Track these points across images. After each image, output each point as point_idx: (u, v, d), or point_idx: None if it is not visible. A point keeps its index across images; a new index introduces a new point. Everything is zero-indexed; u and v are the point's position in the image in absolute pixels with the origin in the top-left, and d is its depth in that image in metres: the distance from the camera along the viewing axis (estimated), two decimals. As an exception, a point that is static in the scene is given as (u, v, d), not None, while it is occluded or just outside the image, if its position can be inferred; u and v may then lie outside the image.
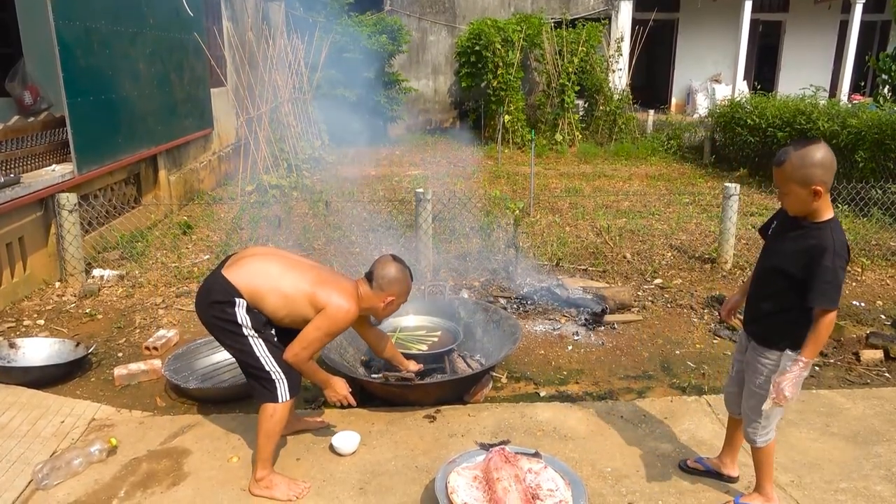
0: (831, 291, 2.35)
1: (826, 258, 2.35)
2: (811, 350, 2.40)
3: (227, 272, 2.85)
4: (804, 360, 2.41)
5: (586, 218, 7.75)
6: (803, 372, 2.42)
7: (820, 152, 2.34)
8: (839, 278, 2.35)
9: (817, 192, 2.35)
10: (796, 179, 2.36)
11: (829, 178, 2.36)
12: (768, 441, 2.69)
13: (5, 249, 4.98)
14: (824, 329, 2.38)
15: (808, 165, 2.34)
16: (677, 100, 17.26)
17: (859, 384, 4.04)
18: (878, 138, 7.79)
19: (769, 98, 10.97)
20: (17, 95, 6.79)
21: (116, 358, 4.32)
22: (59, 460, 3.01)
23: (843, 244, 2.40)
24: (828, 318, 2.38)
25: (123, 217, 6.76)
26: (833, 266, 2.34)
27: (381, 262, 3.05)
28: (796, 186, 2.37)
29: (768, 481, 2.76)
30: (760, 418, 2.64)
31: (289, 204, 8.15)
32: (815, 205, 2.40)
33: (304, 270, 2.93)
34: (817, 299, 2.36)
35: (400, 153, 12.53)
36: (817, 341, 2.39)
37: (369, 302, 3.02)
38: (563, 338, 4.66)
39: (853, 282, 5.80)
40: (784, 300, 2.50)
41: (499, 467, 2.72)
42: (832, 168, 2.36)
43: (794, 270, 2.43)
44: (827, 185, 2.36)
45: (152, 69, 7.41)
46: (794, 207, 2.45)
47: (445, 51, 15.36)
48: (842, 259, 2.37)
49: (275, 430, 2.86)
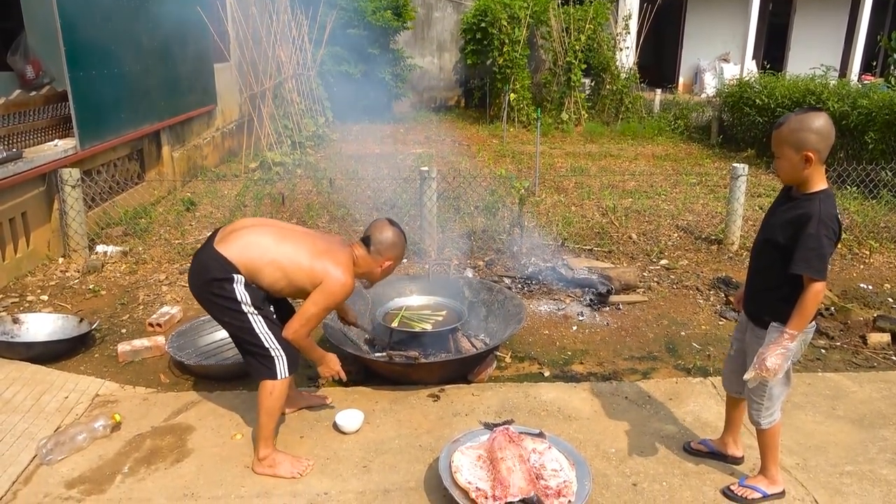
0: (814, 259, 2.32)
1: (811, 226, 2.33)
2: (796, 322, 2.38)
3: (220, 247, 2.79)
4: (789, 332, 2.38)
5: (592, 198, 7.70)
6: (789, 344, 2.39)
7: (819, 120, 2.33)
8: (823, 246, 2.32)
9: (809, 158, 2.35)
10: (790, 142, 2.36)
11: (824, 147, 2.35)
12: (773, 423, 2.68)
13: (8, 225, 4.96)
14: (811, 300, 2.35)
15: (804, 129, 2.34)
16: (685, 79, 17.07)
17: (866, 367, 4.02)
18: (889, 119, 7.70)
19: (778, 78, 10.84)
20: (19, 70, 6.72)
21: (120, 334, 4.31)
22: (63, 435, 3.01)
23: (830, 215, 2.37)
24: (814, 289, 2.34)
25: (127, 193, 6.72)
26: (817, 233, 2.32)
27: (378, 226, 3.01)
28: (790, 150, 2.37)
29: (773, 464, 2.75)
30: (763, 399, 2.62)
31: (292, 181, 8.11)
32: (806, 173, 2.39)
33: (299, 239, 2.88)
34: (798, 265, 2.34)
35: (404, 131, 12.44)
36: (803, 313, 2.37)
37: (366, 266, 3.00)
38: (567, 318, 4.64)
39: (861, 264, 5.76)
40: (775, 276, 2.48)
41: (503, 447, 2.71)
42: (828, 138, 2.35)
43: (782, 241, 2.42)
44: (820, 154, 2.35)
45: (155, 43, 7.33)
46: (785, 173, 2.45)
47: (451, 27, 15.18)
48: (828, 228, 2.34)
49: (275, 406, 2.85)
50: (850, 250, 6.02)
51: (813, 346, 4.26)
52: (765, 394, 2.61)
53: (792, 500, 2.75)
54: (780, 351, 2.39)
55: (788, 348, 2.39)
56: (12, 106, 5.44)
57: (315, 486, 2.80)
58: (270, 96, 9.40)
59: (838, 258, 5.86)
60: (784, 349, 2.39)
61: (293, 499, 2.72)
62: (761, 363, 2.41)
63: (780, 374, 2.43)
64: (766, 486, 2.74)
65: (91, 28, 5.91)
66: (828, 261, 2.35)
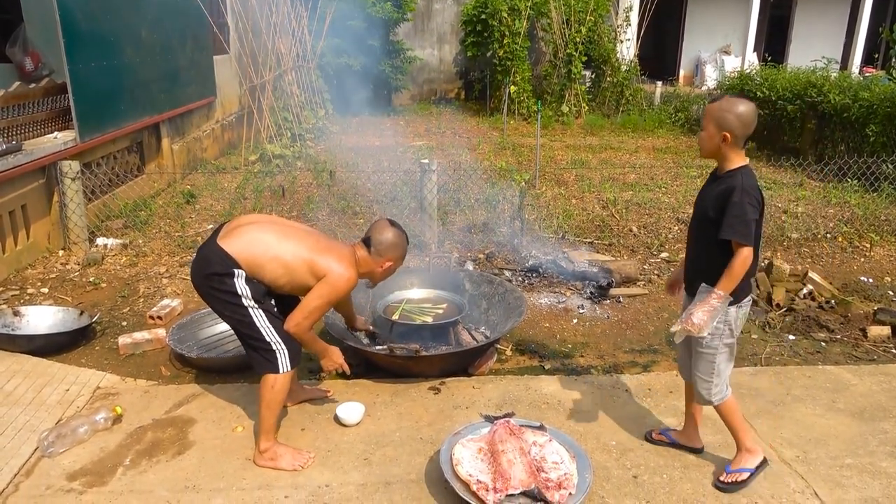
0: (738, 224, 2.47)
1: (735, 195, 2.49)
2: (724, 283, 2.50)
3: (223, 242, 2.80)
4: (717, 293, 2.51)
5: (592, 190, 7.69)
6: (716, 303, 2.51)
7: (744, 106, 2.53)
8: (746, 213, 2.47)
9: (725, 137, 2.53)
10: (715, 119, 2.55)
11: (741, 132, 2.53)
12: (724, 398, 2.76)
13: (8, 217, 4.95)
14: (738, 264, 2.48)
15: (727, 111, 2.52)
16: (686, 71, 17.04)
17: (866, 360, 4.02)
18: (891, 112, 7.67)
19: (779, 70, 10.81)
20: (18, 62, 6.69)
21: (120, 327, 4.31)
22: (64, 428, 3.01)
23: (752, 185, 2.53)
24: (741, 254, 2.48)
25: (126, 186, 6.71)
26: (741, 201, 2.48)
27: (379, 227, 3.02)
28: (712, 126, 2.56)
29: (744, 435, 2.81)
30: (713, 377, 2.71)
31: (292, 174, 8.09)
32: (723, 151, 2.57)
33: (301, 237, 2.90)
34: (725, 231, 2.49)
35: (404, 123, 12.41)
36: (730, 275, 2.49)
37: (367, 267, 3.01)
38: (568, 311, 4.64)
39: (861, 257, 5.75)
40: (709, 251, 2.59)
41: (504, 440, 2.72)
42: (747, 124, 2.53)
43: (713, 215, 2.56)
44: (736, 137, 2.53)
45: (154, 35, 7.30)
46: (704, 145, 2.64)
47: (451, 19, 15.12)
48: (750, 196, 2.49)
49: (276, 400, 2.85)
50: (851, 243, 6.02)
51: (813, 339, 4.27)
52: (713, 370, 2.70)
53: (792, 492, 2.75)
54: (707, 308, 2.51)
55: (715, 307, 2.51)
56: (11, 98, 5.42)
57: (316, 479, 2.80)
58: (270, 88, 9.37)
59: (839, 251, 5.86)
60: (710, 307, 2.51)
61: (294, 491, 2.73)
62: (688, 318, 2.53)
63: (705, 332, 2.53)
64: (749, 462, 2.79)
65: (90, 20, 5.89)
66: (752, 226, 2.49)
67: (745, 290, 2.64)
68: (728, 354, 2.72)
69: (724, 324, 2.63)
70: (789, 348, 4.16)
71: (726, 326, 2.65)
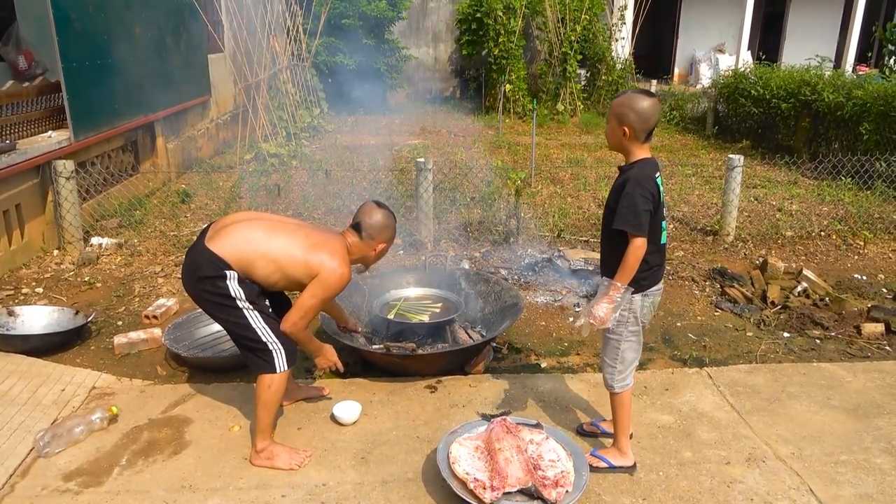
0: (629, 215, 2.53)
1: (628, 186, 2.56)
2: (619, 275, 2.58)
3: (211, 244, 2.76)
4: (615, 284, 2.59)
5: (588, 189, 7.70)
6: (615, 296, 2.59)
7: (645, 103, 2.56)
8: (637, 204, 2.53)
9: (625, 132, 2.59)
10: (616, 113, 2.61)
11: (640, 127, 2.57)
12: (626, 387, 2.81)
13: (2, 217, 4.93)
14: (630, 254, 2.54)
15: (628, 106, 2.57)
16: (680, 70, 17.06)
17: (860, 357, 4.04)
18: (884, 110, 7.70)
19: (774, 68, 10.83)
20: (12, 60, 6.65)
21: (116, 326, 4.30)
22: (60, 428, 3.01)
23: (644, 176, 2.58)
24: (633, 244, 2.54)
25: (121, 185, 6.69)
26: (632, 192, 2.54)
27: (367, 211, 3.00)
28: (614, 119, 2.62)
29: (624, 435, 2.86)
30: (617, 363, 2.77)
31: (288, 173, 8.08)
32: (625, 144, 2.63)
33: (291, 232, 2.86)
34: (617, 221, 2.56)
35: (400, 122, 12.40)
36: (625, 267, 2.56)
37: (360, 252, 3.00)
38: (564, 309, 4.65)
39: (855, 255, 5.78)
40: (612, 246, 2.65)
41: (500, 438, 2.72)
42: (646, 120, 2.56)
43: (613, 206, 2.63)
44: (635, 132, 2.57)
45: (149, 34, 7.28)
46: (608, 139, 2.72)
47: (446, 18, 15.11)
48: (641, 187, 2.54)
49: (273, 400, 2.84)
50: (845, 241, 6.04)
51: (808, 336, 4.29)
52: (618, 357, 2.77)
53: (787, 489, 2.77)
54: (607, 301, 2.59)
55: (615, 300, 2.59)
56: (5, 97, 5.40)
57: (313, 478, 2.81)
58: (265, 87, 9.34)
59: (833, 249, 5.88)
60: (610, 300, 2.59)
61: (291, 490, 2.73)
62: (590, 311, 2.61)
63: (607, 324, 2.61)
64: (614, 459, 2.85)
65: (84, 18, 5.87)
66: (643, 217, 2.53)
67: (649, 280, 2.69)
68: (634, 343, 2.79)
69: (628, 311, 2.69)
70: (784, 345, 4.18)
71: (630, 314, 2.70)
